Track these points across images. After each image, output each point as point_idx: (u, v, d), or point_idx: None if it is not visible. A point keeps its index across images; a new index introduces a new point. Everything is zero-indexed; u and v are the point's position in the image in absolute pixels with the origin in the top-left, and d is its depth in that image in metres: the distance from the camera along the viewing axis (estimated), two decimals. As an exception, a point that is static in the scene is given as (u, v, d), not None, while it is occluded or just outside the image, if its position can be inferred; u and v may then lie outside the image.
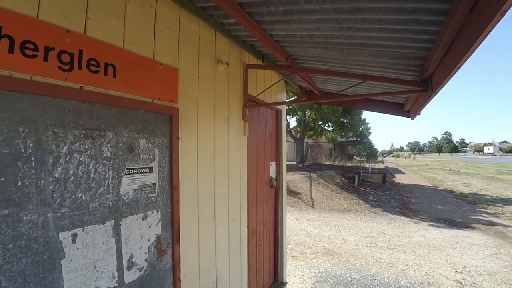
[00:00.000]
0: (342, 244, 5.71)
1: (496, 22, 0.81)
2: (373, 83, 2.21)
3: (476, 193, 13.43)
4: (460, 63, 1.11)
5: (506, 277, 4.29)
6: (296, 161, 18.14)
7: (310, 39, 1.77)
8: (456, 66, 1.16)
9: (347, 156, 31.82)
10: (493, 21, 0.80)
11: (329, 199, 10.02)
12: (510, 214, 8.66)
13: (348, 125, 19.26)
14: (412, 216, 8.46)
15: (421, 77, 1.66)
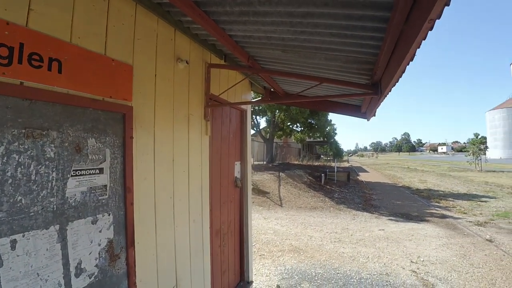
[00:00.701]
0: (308, 240, 5.88)
1: (426, 30, 0.88)
2: (330, 85, 2.31)
3: (430, 189, 14.57)
4: (401, 68, 1.20)
5: (455, 265, 4.70)
6: (265, 161, 18.34)
7: (268, 41, 1.80)
8: (397, 71, 1.25)
9: (315, 155, 32.85)
10: (423, 29, 0.88)
11: (297, 197, 10.27)
12: (460, 208, 9.51)
13: (315, 126, 19.87)
14: (373, 212, 8.96)
15: (372, 80, 1.77)
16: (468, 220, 7.78)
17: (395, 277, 4.26)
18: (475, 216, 8.25)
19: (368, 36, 1.40)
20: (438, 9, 0.78)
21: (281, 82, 2.99)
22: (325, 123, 20.23)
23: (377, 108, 2.23)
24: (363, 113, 2.76)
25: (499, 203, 10.35)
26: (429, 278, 4.22)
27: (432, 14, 0.79)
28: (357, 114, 2.89)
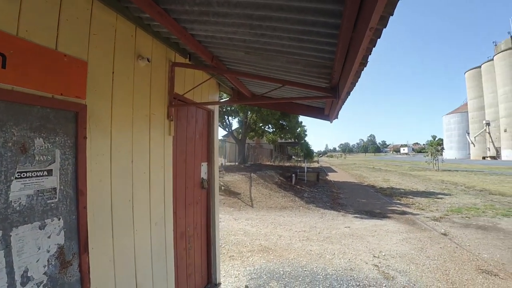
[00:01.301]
0: (277, 240, 5.96)
1: (368, 37, 0.95)
2: (294, 88, 2.37)
3: (393, 187, 15.46)
4: (352, 73, 1.27)
5: (413, 258, 5.02)
6: (237, 162, 18.32)
7: (231, 42, 1.81)
8: (350, 76, 1.32)
9: (287, 156, 33.46)
10: (365, 37, 0.94)
11: (268, 198, 10.38)
12: (418, 204, 10.18)
13: (286, 127, 20.27)
14: (340, 210, 9.31)
15: (331, 84, 1.85)
16: (426, 215, 8.36)
17: (358, 271, 4.45)
18: (432, 212, 8.89)
19: (323, 42, 1.47)
20: (376, 19, 0.84)
21: (247, 83, 3.01)
22: (295, 125, 20.71)
23: (339, 111, 2.33)
24: (326, 115, 2.87)
25: (453, 199, 11.25)
26: (390, 271, 4.46)
27: (371, 23, 0.85)
28: (320, 116, 3.00)
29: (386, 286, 3.97)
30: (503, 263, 4.71)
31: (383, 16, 0.89)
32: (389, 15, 0.86)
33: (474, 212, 8.72)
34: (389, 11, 0.83)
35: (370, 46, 1.15)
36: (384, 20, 0.92)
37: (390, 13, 0.85)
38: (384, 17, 0.90)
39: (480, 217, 8.11)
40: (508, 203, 10.29)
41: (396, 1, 0.80)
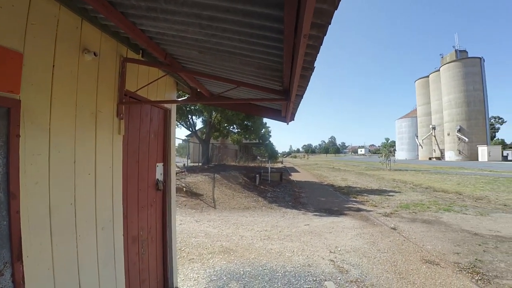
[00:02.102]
0: (239, 240, 5.97)
1: (304, 44, 1.00)
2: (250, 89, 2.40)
3: (350, 186, 16.34)
4: (297, 77, 1.32)
5: (366, 252, 5.34)
6: (201, 163, 18.00)
7: (183, 40, 1.78)
8: (296, 79, 1.37)
9: (251, 157, 33.67)
10: (301, 44, 0.98)
11: (231, 198, 10.35)
12: (372, 201, 10.89)
13: (251, 128, 20.40)
14: (301, 209, 9.62)
15: (283, 87, 1.91)
16: (378, 212, 8.97)
17: (315, 267, 4.63)
18: (383, 208, 9.56)
19: (272, 46, 1.51)
20: (307, 27, 0.89)
21: (205, 83, 2.98)
22: (260, 126, 20.96)
23: (294, 113, 2.41)
24: (283, 117, 2.95)
25: (403, 196, 12.22)
26: (344, 265, 4.71)
27: (304, 30, 0.89)
28: (278, 118, 3.07)
29: (341, 279, 4.19)
30: (443, 253, 5.22)
31: (321, 24, 0.95)
32: (327, 23, 0.91)
33: (420, 207, 9.56)
34: (326, 20, 0.88)
35: (313, 52, 1.21)
36: (323, 28, 0.97)
37: (328, 22, 0.90)
38: (322, 25, 0.96)
39: (425, 212, 8.91)
40: (449, 199, 11.46)
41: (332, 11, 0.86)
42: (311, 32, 1.03)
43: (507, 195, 12.09)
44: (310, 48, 1.19)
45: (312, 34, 1.05)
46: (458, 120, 70.01)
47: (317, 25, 0.97)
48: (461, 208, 9.38)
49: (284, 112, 2.58)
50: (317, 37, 1.06)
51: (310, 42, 1.11)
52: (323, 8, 0.86)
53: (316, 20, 0.93)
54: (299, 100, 1.95)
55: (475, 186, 15.42)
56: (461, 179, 19.33)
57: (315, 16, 0.88)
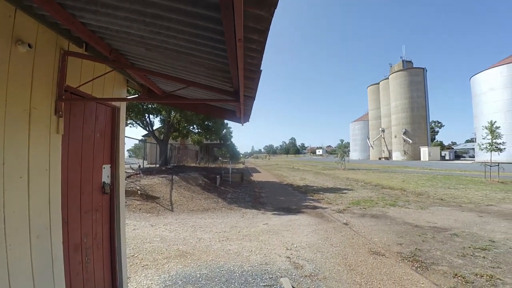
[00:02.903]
0: (197, 243, 5.85)
1: (240, 47, 1.02)
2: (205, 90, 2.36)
3: (308, 185, 16.99)
4: (241, 79, 1.34)
5: (320, 247, 5.59)
6: (158, 164, 17.28)
7: (127, 36, 1.69)
8: (241, 81, 1.39)
9: (213, 158, 33.26)
10: (237, 47, 1.01)
11: (190, 200, 10.10)
12: (327, 199, 11.44)
13: (212, 129, 20.14)
14: (260, 208, 9.74)
15: (233, 88, 1.92)
16: (332, 208, 9.46)
17: (272, 265, 4.73)
18: (337, 205, 10.11)
19: (218, 47, 1.51)
20: (240, 31, 0.91)
21: (157, 81, 2.87)
22: (221, 126, 20.79)
23: (249, 114, 2.43)
24: (238, 118, 2.96)
25: (355, 193, 13.05)
26: (299, 261, 4.88)
27: (237, 34, 0.92)
28: (233, 119, 3.08)
29: (296, 275, 4.33)
30: (388, 245, 5.68)
31: (261, 30, 0.97)
32: (266, 29, 0.94)
33: (370, 203, 10.29)
34: (265, 26, 0.91)
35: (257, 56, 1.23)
36: (263, 33, 1.00)
37: (267, 27, 0.93)
38: (262, 31, 0.99)
39: (374, 207, 9.62)
40: (395, 195, 12.52)
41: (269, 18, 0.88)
42: (252, 37, 1.06)
43: (444, 191, 13.59)
44: (254, 51, 1.21)
45: (253, 38, 1.08)
46: (403, 124, 77.14)
47: (257, 30, 0.99)
48: (405, 203, 10.31)
49: (239, 113, 2.60)
50: (259, 42, 1.08)
51: (253, 46, 1.13)
52: (261, 14, 0.89)
53: (256, 26, 0.96)
54: (250, 101, 1.98)
55: (417, 183, 17.07)
56: (405, 177, 21.26)
57: (254, 21, 0.91)
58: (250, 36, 1.07)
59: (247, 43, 1.14)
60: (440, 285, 3.94)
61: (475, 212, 8.70)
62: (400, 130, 77.42)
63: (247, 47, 1.19)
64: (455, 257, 4.92)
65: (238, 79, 1.43)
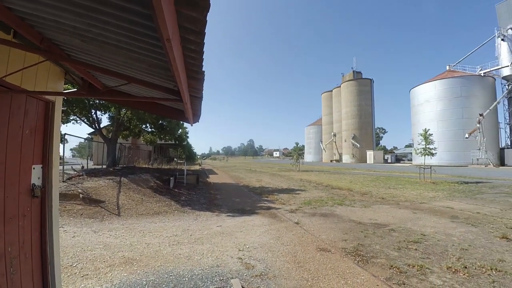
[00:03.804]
0: (145, 249, 5.56)
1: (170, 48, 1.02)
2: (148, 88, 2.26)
3: (263, 186, 17.29)
4: (183, 79, 1.33)
5: (271, 246, 5.70)
6: (106, 165, 16.08)
7: (57, 25, 1.56)
8: (181, 80, 1.38)
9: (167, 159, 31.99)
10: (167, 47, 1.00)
11: (139, 204, 9.57)
12: (281, 200, 11.76)
13: (167, 128, 19.35)
14: (215, 210, 9.64)
15: (177, 87, 1.88)
16: (285, 209, 9.76)
17: (224, 266, 4.70)
18: (290, 205, 10.46)
19: (157, 44, 1.47)
20: (166, 31, 0.92)
21: (99, 76, 2.67)
22: (176, 126, 20.09)
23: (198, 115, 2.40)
24: (187, 118, 2.90)
25: (307, 194, 13.64)
26: (251, 261, 4.93)
27: (164, 34, 0.91)
28: (182, 119, 3.00)
29: (247, 275, 4.36)
30: (334, 241, 6.03)
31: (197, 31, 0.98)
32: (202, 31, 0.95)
33: (320, 203, 10.85)
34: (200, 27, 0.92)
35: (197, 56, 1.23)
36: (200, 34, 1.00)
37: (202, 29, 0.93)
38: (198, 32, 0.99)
39: (324, 206, 10.16)
40: (343, 195, 13.37)
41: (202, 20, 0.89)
42: (189, 37, 1.06)
43: (385, 190, 14.92)
44: (193, 52, 1.21)
45: (191, 39, 1.08)
46: (352, 129, 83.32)
47: (193, 31, 0.99)
48: (351, 202, 11.08)
49: (187, 113, 2.54)
50: (197, 43, 1.09)
51: (191, 46, 1.13)
52: (194, 16, 0.89)
53: (191, 26, 0.96)
54: (198, 101, 1.95)
55: (362, 184, 18.47)
56: (353, 178, 22.87)
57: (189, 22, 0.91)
58: (188, 37, 1.07)
59: (186, 43, 1.14)
60: (378, 276, 4.30)
61: (410, 209, 9.71)
62: (349, 135, 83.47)
63: (186, 47, 1.18)
64: (392, 250, 5.43)
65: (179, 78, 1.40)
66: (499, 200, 11.51)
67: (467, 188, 15.84)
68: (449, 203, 10.83)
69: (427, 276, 4.28)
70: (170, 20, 0.81)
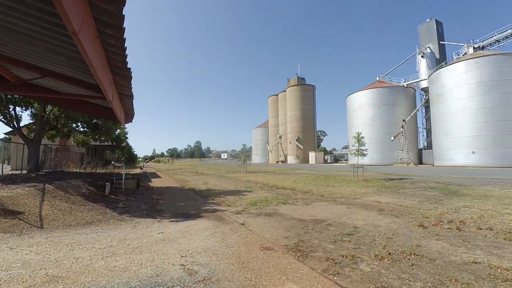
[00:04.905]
0: (72, 264, 4.96)
1: (79, 41, 0.95)
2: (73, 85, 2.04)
3: (210, 189, 17.02)
4: (101, 75, 1.23)
5: (215, 249, 5.60)
6: (27, 170, 13.99)
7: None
8: (99, 77, 1.27)
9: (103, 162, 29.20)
10: (76, 41, 0.92)
11: (68, 214, 8.52)
12: (228, 202, 11.70)
13: (102, 128, 17.65)
14: (156, 216, 9.12)
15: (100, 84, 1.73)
16: (231, 210, 9.74)
17: (164, 275, 4.46)
18: (236, 207, 10.48)
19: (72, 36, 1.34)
20: (71, 26, 0.85)
21: (12, 68, 2.30)
22: (113, 125, 18.45)
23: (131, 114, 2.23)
24: (118, 118, 2.68)
25: (253, 195, 13.84)
26: (194, 266, 4.77)
27: (69, 28, 0.85)
28: (114, 119, 2.77)
29: (189, 281, 4.21)
30: (277, 239, 6.21)
31: (115, 26, 0.92)
32: (120, 25, 0.89)
33: (265, 203, 11.11)
34: (118, 22, 0.86)
35: (119, 52, 1.15)
36: (119, 29, 0.94)
37: (119, 24, 0.88)
38: (117, 27, 0.93)
39: (268, 206, 10.43)
40: (286, 194, 13.93)
41: (119, 14, 0.84)
42: (107, 31, 0.98)
43: (324, 188, 16.01)
44: (114, 47, 1.13)
45: (110, 33, 1.01)
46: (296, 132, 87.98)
47: (111, 25, 0.93)
48: (294, 201, 11.61)
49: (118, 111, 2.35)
50: (117, 38, 1.02)
51: (111, 41, 1.05)
52: (109, 10, 0.83)
53: (108, 20, 0.89)
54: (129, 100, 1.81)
55: (305, 183, 19.54)
56: (296, 178, 24.04)
57: (106, 16, 0.84)
58: (106, 31, 0.99)
59: (105, 37, 1.05)
60: (316, 269, 4.58)
61: (345, 204, 10.59)
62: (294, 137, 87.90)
63: (106, 42, 1.09)
64: (328, 243, 5.83)
65: (96, 74, 1.28)
66: (418, 193, 13.33)
67: (393, 184, 18.00)
68: (378, 198, 12.14)
69: (358, 265, 4.71)
70: (78, 13, 0.73)
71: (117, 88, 1.53)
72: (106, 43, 1.03)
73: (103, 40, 1.00)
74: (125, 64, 1.19)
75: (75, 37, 0.81)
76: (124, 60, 1.15)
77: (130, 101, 1.88)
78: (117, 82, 1.44)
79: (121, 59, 1.14)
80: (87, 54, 0.95)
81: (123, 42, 0.96)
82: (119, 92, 1.59)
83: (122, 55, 1.08)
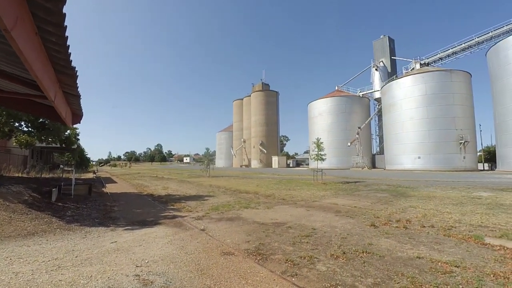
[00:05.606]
0: (11, 279, 4.44)
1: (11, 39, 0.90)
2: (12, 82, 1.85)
3: (170, 194, 16.42)
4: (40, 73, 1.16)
5: (174, 257, 5.39)
6: (-47, 176, 12.24)
7: None
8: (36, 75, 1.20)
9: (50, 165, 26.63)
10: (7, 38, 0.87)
11: (7, 224, 7.61)
12: (188, 207, 11.38)
13: (50, 128, 16.12)
14: (110, 225, 8.53)
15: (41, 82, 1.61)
16: (192, 216, 9.49)
17: (117, 287, 4.20)
18: (197, 212, 10.24)
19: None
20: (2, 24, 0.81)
21: None
22: (62, 126, 16.95)
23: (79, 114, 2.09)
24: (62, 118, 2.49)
25: (215, 199, 13.66)
26: (150, 276, 4.55)
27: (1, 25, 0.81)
28: (60, 120, 2.57)
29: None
30: (238, 244, 6.19)
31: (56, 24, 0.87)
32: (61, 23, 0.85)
33: (227, 208, 11.03)
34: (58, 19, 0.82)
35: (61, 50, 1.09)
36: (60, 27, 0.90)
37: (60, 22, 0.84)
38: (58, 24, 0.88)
39: (230, 211, 10.36)
40: (249, 198, 13.99)
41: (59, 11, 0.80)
42: (48, 28, 0.93)
43: (286, 192, 16.39)
44: (56, 45, 1.07)
45: (50, 30, 0.95)
46: (260, 136, 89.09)
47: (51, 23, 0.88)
48: (256, 205, 11.70)
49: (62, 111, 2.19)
50: (58, 36, 0.96)
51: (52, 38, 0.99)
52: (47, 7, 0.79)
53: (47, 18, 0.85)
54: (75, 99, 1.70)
55: (267, 187, 19.80)
56: (259, 182, 24.27)
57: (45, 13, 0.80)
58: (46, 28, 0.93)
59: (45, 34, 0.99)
60: (275, 271, 4.65)
61: (304, 207, 10.95)
62: (257, 141, 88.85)
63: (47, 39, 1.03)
64: (288, 246, 5.97)
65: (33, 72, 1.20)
66: (370, 195, 14.29)
67: (349, 187, 19.06)
68: (335, 200, 12.76)
69: (315, 265, 4.89)
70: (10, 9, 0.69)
71: (62, 87, 1.42)
72: (46, 40, 0.96)
73: (43, 37, 0.94)
74: (68, 62, 1.12)
75: (7, 34, 0.74)
76: (67, 58, 1.08)
77: (77, 101, 1.75)
78: (62, 81, 1.34)
79: (64, 57, 1.07)
80: (21, 51, 0.88)
81: (65, 40, 0.91)
82: (64, 92, 1.47)
83: (65, 53, 1.02)
